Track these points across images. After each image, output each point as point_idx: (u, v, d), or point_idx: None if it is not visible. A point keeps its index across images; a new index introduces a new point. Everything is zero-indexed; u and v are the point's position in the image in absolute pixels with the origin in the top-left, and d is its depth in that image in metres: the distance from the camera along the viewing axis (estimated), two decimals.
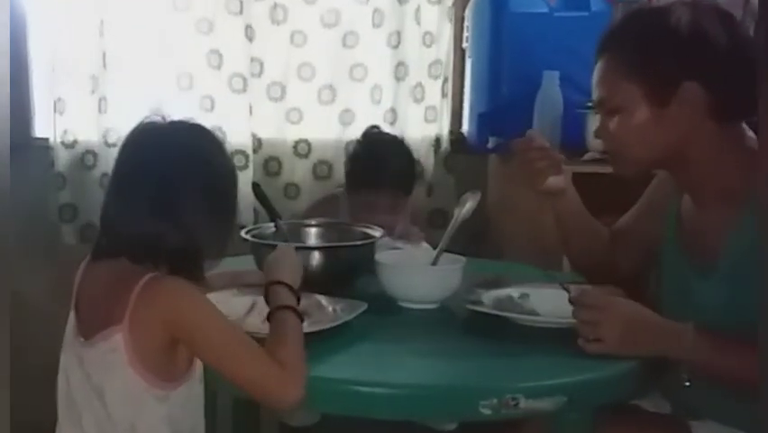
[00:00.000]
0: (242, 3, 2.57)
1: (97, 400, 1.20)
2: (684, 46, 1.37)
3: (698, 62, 1.37)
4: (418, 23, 2.70)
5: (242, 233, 1.73)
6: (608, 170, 2.24)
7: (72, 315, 1.28)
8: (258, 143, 2.67)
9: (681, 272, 1.48)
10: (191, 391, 1.25)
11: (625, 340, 1.30)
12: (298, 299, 1.33)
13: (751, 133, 1.42)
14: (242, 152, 2.62)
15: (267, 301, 1.32)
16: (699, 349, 1.30)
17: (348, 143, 2.58)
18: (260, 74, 2.64)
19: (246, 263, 1.69)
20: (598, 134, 1.51)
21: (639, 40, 1.41)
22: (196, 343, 1.19)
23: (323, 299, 1.51)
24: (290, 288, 1.33)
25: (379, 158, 2.19)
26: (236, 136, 2.60)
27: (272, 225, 1.82)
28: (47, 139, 2.55)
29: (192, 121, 1.33)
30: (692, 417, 1.45)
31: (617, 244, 1.69)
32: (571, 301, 1.36)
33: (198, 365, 1.25)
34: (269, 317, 1.28)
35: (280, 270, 1.37)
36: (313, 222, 1.96)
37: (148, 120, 1.29)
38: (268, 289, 1.33)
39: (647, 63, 1.39)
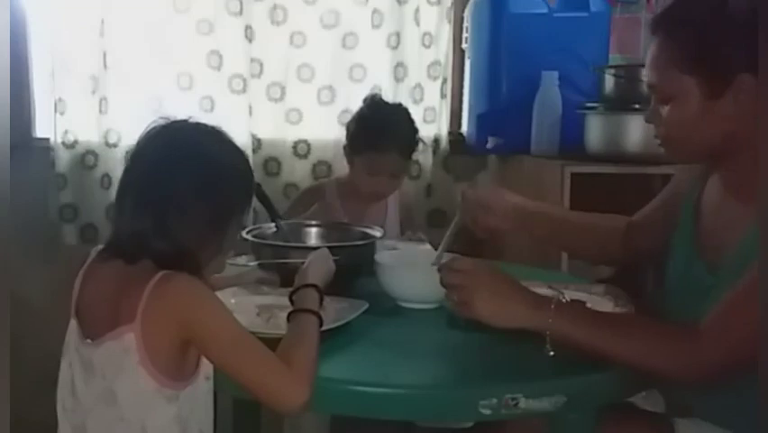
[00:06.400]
0: (241, 3, 2.57)
1: (107, 403, 1.18)
2: (740, 35, 1.30)
3: (752, 52, 1.27)
4: (417, 24, 2.70)
5: (243, 233, 1.73)
6: (607, 169, 2.28)
7: (73, 321, 1.26)
8: (257, 144, 2.68)
9: (690, 264, 1.46)
10: (198, 390, 1.23)
11: (494, 309, 1.32)
12: (321, 300, 1.34)
13: None
14: None
15: (291, 301, 1.33)
16: (557, 322, 1.29)
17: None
18: (259, 74, 2.65)
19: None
20: (649, 119, 1.46)
21: (696, 27, 1.34)
22: (203, 340, 1.17)
23: (324, 299, 1.51)
24: (319, 292, 1.34)
25: (385, 121, 2.21)
26: (236, 136, 2.50)
27: (272, 225, 1.83)
28: (47, 139, 2.54)
29: (194, 120, 1.32)
30: (681, 414, 1.44)
31: (629, 236, 1.68)
32: (439, 269, 1.39)
33: (205, 363, 1.24)
34: (289, 317, 1.29)
35: (315, 273, 1.40)
36: (313, 222, 1.96)
37: (153, 123, 1.28)
38: (297, 290, 1.34)
39: (703, 54, 1.33)
